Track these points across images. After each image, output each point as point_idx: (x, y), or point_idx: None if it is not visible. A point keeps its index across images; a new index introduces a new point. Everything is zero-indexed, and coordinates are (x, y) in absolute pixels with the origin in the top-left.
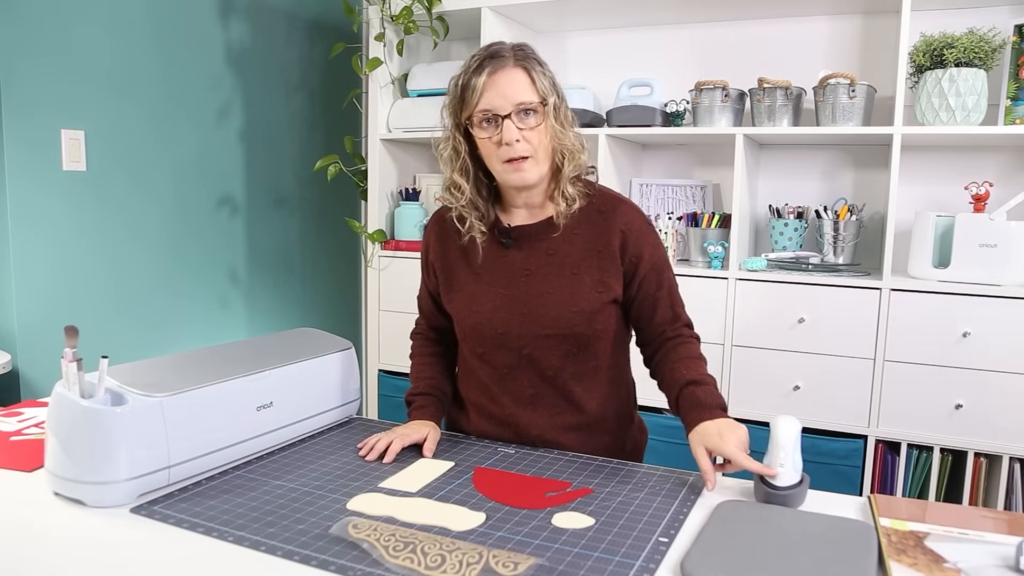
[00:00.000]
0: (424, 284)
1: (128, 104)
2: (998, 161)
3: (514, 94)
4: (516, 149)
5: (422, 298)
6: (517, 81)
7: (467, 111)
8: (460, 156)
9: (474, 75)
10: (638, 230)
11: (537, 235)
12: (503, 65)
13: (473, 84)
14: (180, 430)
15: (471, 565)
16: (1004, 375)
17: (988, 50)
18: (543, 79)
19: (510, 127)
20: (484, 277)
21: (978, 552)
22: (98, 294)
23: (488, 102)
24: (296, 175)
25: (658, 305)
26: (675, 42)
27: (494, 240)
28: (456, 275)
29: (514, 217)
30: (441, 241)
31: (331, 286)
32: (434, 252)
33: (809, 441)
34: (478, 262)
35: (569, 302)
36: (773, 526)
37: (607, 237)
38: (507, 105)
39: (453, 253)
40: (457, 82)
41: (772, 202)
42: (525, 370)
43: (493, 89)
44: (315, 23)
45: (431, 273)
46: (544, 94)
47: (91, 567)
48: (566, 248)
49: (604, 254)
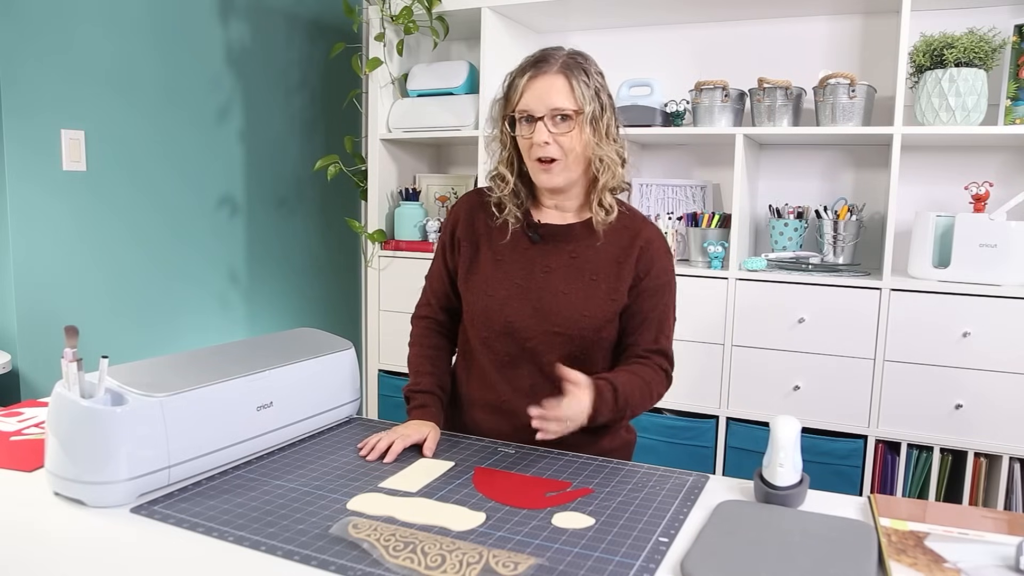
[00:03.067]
0: (441, 263)
1: (128, 104)
2: (998, 161)
3: (551, 99)
4: (545, 151)
5: (435, 277)
6: (555, 87)
7: (509, 108)
8: (506, 148)
9: (519, 76)
10: (656, 248)
11: (563, 236)
12: (546, 71)
13: (516, 84)
14: (180, 430)
15: (471, 565)
16: (1004, 375)
17: (988, 50)
18: (585, 89)
19: (541, 129)
20: (504, 265)
21: (978, 552)
22: (98, 294)
23: (525, 103)
24: (296, 175)
25: (644, 324)
26: (675, 42)
27: (521, 232)
28: (479, 256)
29: (545, 215)
30: (470, 220)
31: (331, 286)
32: (462, 228)
33: (809, 441)
34: (502, 249)
35: (582, 306)
36: (773, 526)
37: (629, 250)
38: (542, 108)
39: (480, 234)
40: (506, 79)
41: (772, 202)
42: (526, 362)
43: (531, 92)
44: (315, 23)
45: (455, 250)
46: (581, 103)
47: (91, 567)
48: (588, 254)
49: (623, 264)
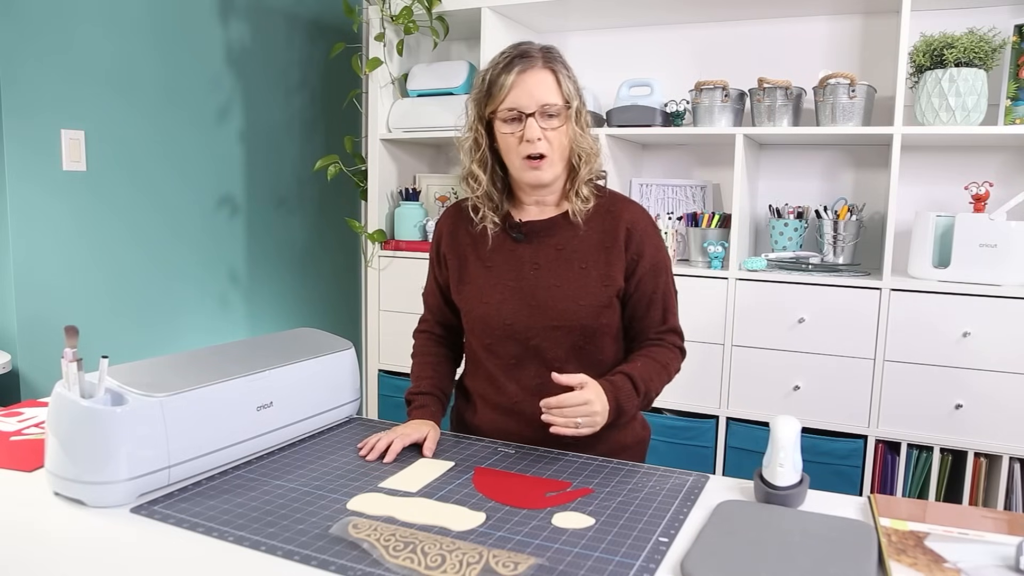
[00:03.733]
0: (432, 279)
1: (128, 104)
2: (998, 161)
3: (540, 95)
4: (536, 147)
5: (429, 294)
6: (544, 82)
7: (492, 106)
8: (480, 148)
9: (503, 72)
10: (643, 229)
11: (547, 230)
12: (532, 65)
13: (502, 81)
14: (180, 430)
15: (471, 565)
16: (1004, 375)
17: (988, 50)
18: (568, 82)
19: (533, 125)
20: (494, 270)
21: (978, 552)
22: (98, 294)
23: (514, 100)
24: (296, 175)
25: (651, 306)
26: (675, 42)
27: (505, 234)
28: (467, 267)
29: (525, 212)
30: (453, 234)
31: (331, 286)
32: (446, 243)
33: (809, 441)
34: (488, 255)
35: (577, 295)
36: (773, 526)
37: (614, 233)
38: (532, 104)
39: (465, 246)
40: (485, 77)
41: (772, 202)
42: (532, 361)
43: (520, 88)
44: (315, 23)
45: (442, 265)
46: (568, 97)
47: (91, 567)
48: (575, 243)
49: (611, 249)
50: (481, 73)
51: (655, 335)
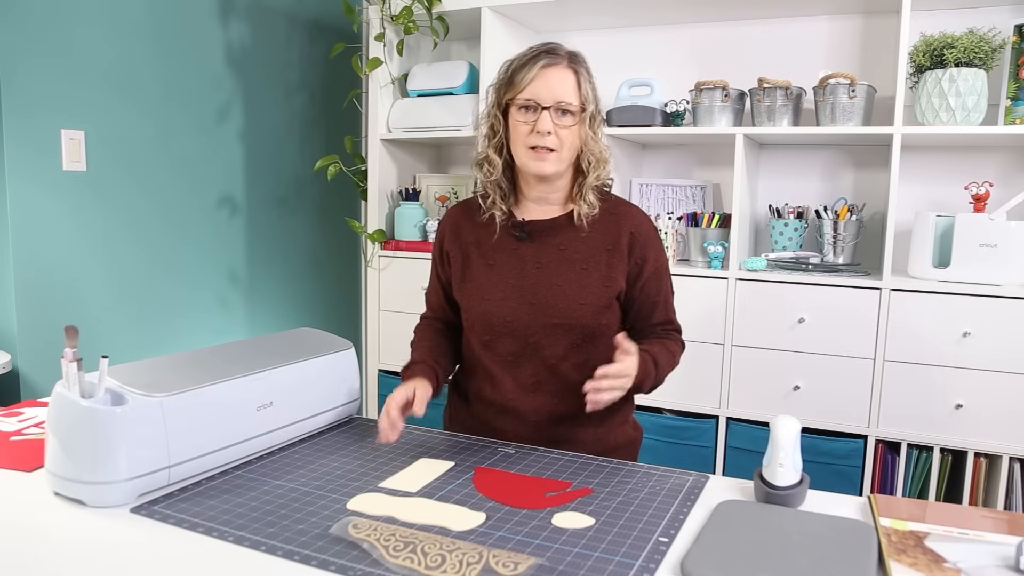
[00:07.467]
0: (435, 278)
1: (128, 104)
2: (998, 161)
3: (559, 91)
4: (545, 140)
5: (431, 293)
6: (565, 81)
7: (511, 94)
8: (497, 135)
9: (529, 63)
10: (646, 234)
11: (550, 230)
12: (557, 63)
13: (524, 71)
14: (180, 430)
15: (471, 565)
16: (1004, 375)
17: (988, 50)
18: (588, 86)
19: (546, 118)
20: (496, 268)
21: (978, 552)
22: (98, 294)
23: (533, 91)
24: (296, 175)
25: (656, 309)
26: (675, 42)
27: (508, 233)
28: (469, 264)
29: (527, 212)
30: (456, 232)
31: (331, 286)
32: (449, 241)
33: (809, 441)
34: (491, 254)
35: (577, 295)
36: (773, 526)
37: (616, 236)
38: (549, 99)
39: (468, 244)
40: (509, 66)
41: (772, 202)
42: (529, 359)
43: (541, 81)
44: (315, 23)
45: (445, 263)
46: (585, 101)
47: (91, 567)
48: (577, 244)
49: (613, 252)
50: (506, 63)
51: (659, 330)
